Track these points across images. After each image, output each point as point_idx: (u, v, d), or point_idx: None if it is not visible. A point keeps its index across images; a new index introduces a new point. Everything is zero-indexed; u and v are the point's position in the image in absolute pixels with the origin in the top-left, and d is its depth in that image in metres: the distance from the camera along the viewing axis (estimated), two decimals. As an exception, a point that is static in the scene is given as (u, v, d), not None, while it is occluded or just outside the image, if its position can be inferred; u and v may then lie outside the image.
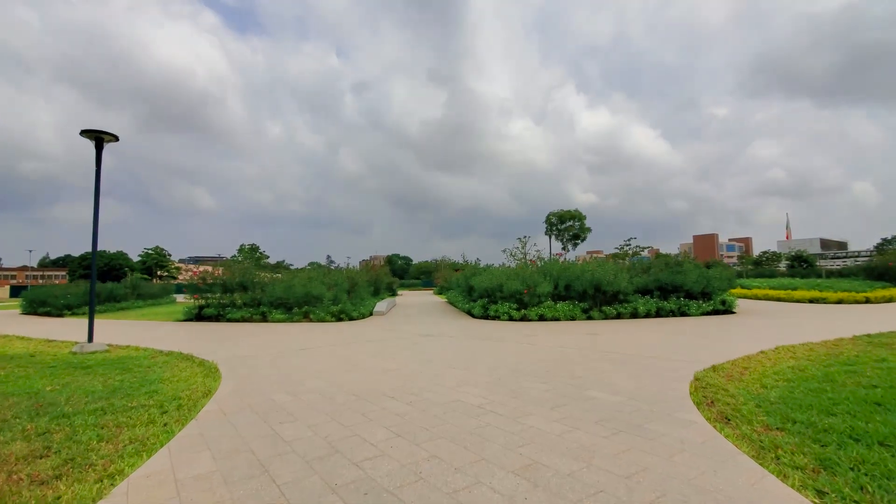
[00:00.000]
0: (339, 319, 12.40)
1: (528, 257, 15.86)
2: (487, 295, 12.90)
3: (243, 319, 12.62)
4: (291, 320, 12.27)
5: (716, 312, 12.24)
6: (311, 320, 12.25)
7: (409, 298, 27.52)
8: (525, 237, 16.33)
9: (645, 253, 18.07)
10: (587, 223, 53.62)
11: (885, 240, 63.39)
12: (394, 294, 32.52)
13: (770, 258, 59.62)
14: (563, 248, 51.55)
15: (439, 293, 33.32)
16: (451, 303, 19.22)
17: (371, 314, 14.11)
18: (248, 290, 13.59)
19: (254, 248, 57.63)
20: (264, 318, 12.67)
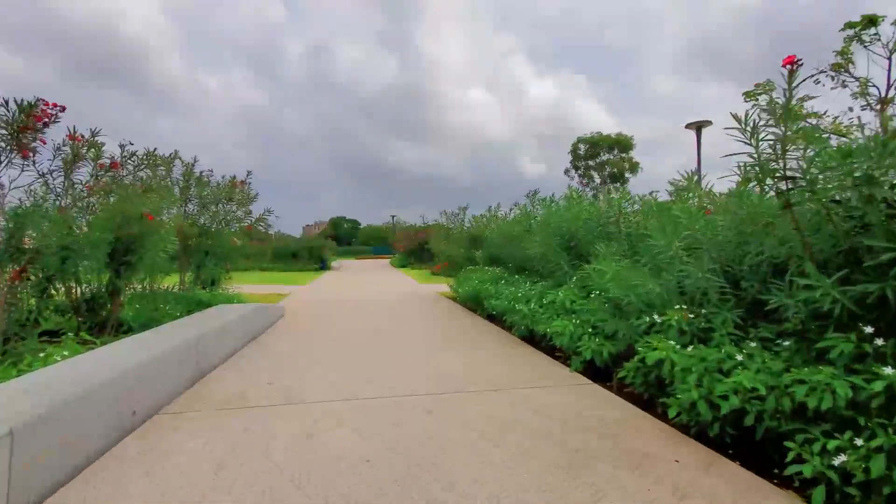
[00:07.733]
0: None
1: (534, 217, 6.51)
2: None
3: None
4: None
5: None
6: None
7: (353, 277, 16.87)
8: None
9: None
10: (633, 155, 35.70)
11: None
12: (323, 267, 21.20)
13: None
14: (595, 195, 38.38)
15: (402, 266, 22.98)
16: (487, 310, 8.94)
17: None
18: None
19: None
20: None
